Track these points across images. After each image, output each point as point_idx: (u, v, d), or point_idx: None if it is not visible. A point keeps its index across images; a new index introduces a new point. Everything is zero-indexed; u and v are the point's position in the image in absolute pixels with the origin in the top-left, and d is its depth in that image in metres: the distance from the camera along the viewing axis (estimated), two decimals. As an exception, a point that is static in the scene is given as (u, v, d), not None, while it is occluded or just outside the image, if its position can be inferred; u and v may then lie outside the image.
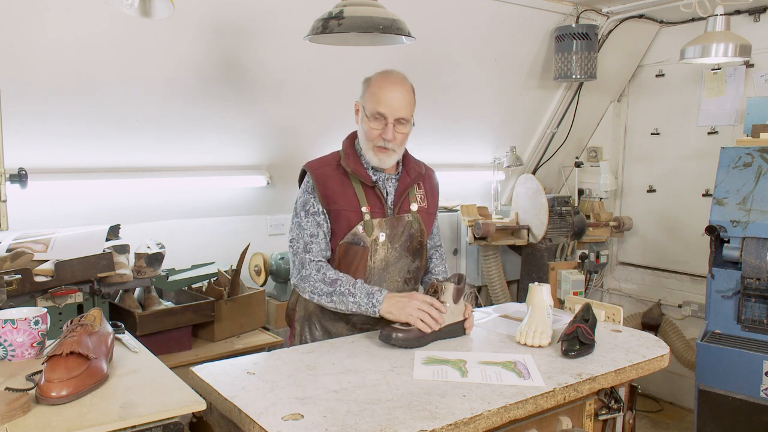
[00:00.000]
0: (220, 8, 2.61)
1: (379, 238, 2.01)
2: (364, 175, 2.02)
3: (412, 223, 2.08)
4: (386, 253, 2.03)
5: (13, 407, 1.24)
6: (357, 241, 2.00)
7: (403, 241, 2.06)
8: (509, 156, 3.95)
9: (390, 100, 1.95)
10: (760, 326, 2.79)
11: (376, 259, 2.02)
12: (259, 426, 1.31)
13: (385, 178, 2.07)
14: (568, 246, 3.87)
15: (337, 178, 2.02)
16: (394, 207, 2.06)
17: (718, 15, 2.92)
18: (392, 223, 2.04)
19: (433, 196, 2.20)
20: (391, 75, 2.00)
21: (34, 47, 2.34)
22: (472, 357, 1.75)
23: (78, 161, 2.69)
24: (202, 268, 2.95)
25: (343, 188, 2.01)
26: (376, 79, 1.99)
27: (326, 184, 2.01)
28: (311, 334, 2.09)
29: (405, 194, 2.08)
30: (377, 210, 2.02)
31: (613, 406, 1.78)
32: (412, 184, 2.11)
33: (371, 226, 2.00)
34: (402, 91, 1.98)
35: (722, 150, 3.01)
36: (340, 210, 2.00)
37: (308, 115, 3.18)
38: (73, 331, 1.44)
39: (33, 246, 2.30)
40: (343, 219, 2.00)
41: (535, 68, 3.81)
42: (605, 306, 2.19)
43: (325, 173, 2.03)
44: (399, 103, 1.96)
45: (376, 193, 2.03)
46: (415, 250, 2.10)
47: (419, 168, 2.15)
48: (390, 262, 2.05)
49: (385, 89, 1.96)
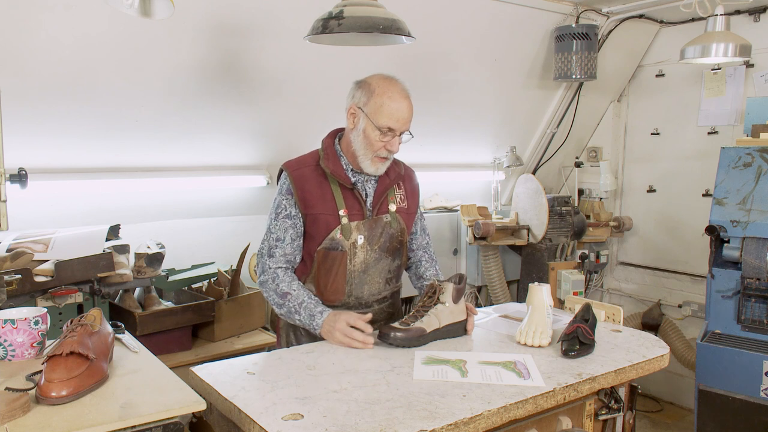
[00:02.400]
0: (220, 8, 2.61)
1: (358, 241, 2.00)
2: (343, 176, 2.00)
3: (390, 223, 2.06)
4: (365, 255, 2.02)
5: (13, 407, 1.24)
6: (335, 245, 1.99)
7: (382, 243, 2.05)
8: (509, 156, 3.95)
9: (400, 115, 1.93)
10: (760, 326, 2.79)
11: (355, 262, 2.01)
12: (259, 426, 1.31)
13: (365, 179, 2.06)
14: (568, 246, 3.87)
15: (315, 179, 2.01)
16: (373, 209, 2.04)
17: (718, 15, 2.92)
18: (370, 225, 2.02)
19: (413, 196, 2.18)
20: (396, 85, 1.96)
21: (34, 47, 2.34)
22: (472, 357, 1.75)
23: (78, 161, 2.69)
24: (202, 268, 2.95)
25: (321, 190, 2.00)
26: (382, 89, 1.94)
27: (304, 186, 2.00)
28: (297, 339, 2.09)
29: (384, 195, 2.07)
30: (356, 212, 2.01)
31: (613, 406, 1.78)
32: (392, 184, 2.09)
33: (349, 229, 1.99)
34: (409, 104, 1.96)
35: (722, 150, 3.01)
36: (317, 214, 1.99)
37: (308, 115, 3.17)
38: (73, 331, 1.44)
39: (33, 246, 2.30)
40: (321, 223, 1.99)
41: (535, 68, 3.81)
42: (605, 306, 2.19)
43: (303, 174, 2.01)
44: (409, 117, 1.96)
45: (354, 195, 2.02)
46: (395, 250, 2.09)
47: (398, 168, 2.13)
48: (369, 264, 2.04)
49: (396, 102, 1.93)
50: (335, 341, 1.84)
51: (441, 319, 1.89)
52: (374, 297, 2.08)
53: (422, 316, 1.88)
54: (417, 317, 1.88)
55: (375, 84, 1.96)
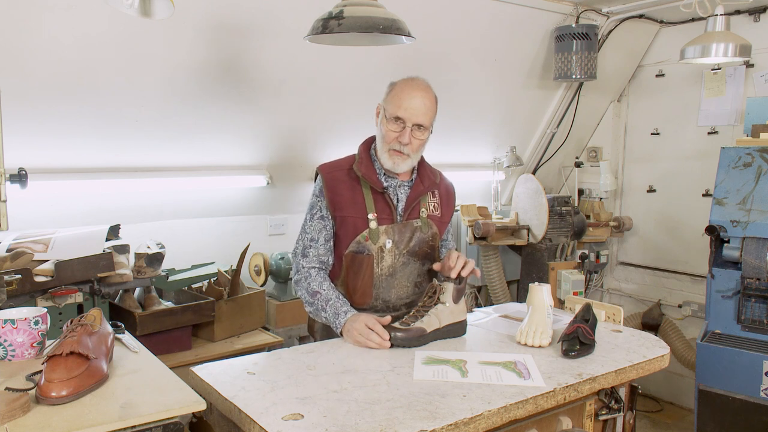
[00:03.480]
0: (220, 8, 2.61)
1: (386, 245, 2.00)
2: (374, 180, 2.01)
3: (421, 227, 2.06)
4: (393, 259, 2.02)
5: (13, 407, 1.24)
6: (361, 249, 2.00)
7: (411, 247, 2.04)
8: (509, 156, 3.95)
9: (411, 105, 1.95)
10: (760, 326, 2.79)
11: (382, 266, 2.01)
12: (259, 426, 1.31)
13: (398, 184, 2.06)
14: (568, 246, 3.87)
15: (348, 183, 2.03)
16: (404, 214, 2.04)
17: (718, 15, 2.92)
18: (399, 229, 2.02)
19: (448, 206, 2.18)
20: (415, 81, 2.00)
21: (35, 47, 2.34)
22: (472, 357, 1.75)
23: (78, 161, 2.69)
24: (202, 268, 2.95)
25: (353, 193, 2.01)
26: (401, 84, 1.99)
27: (335, 188, 2.02)
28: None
29: (416, 202, 2.07)
30: (385, 216, 2.02)
31: (614, 406, 1.78)
32: (425, 192, 2.09)
33: (377, 233, 1.99)
34: (424, 97, 1.97)
35: (722, 150, 3.01)
36: (346, 217, 2.00)
37: (308, 115, 3.17)
38: (73, 331, 1.44)
39: (33, 246, 2.30)
40: (350, 225, 2.00)
41: (535, 68, 3.81)
42: (605, 306, 2.19)
43: (335, 177, 2.04)
44: (420, 109, 1.96)
45: (385, 199, 2.02)
46: (425, 255, 2.08)
47: (434, 176, 2.13)
48: (397, 268, 2.03)
49: (408, 94, 1.96)
50: (352, 340, 1.85)
51: (441, 319, 1.89)
52: (402, 301, 2.07)
53: (422, 316, 1.89)
54: (417, 317, 1.89)
55: (398, 82, 2.02)
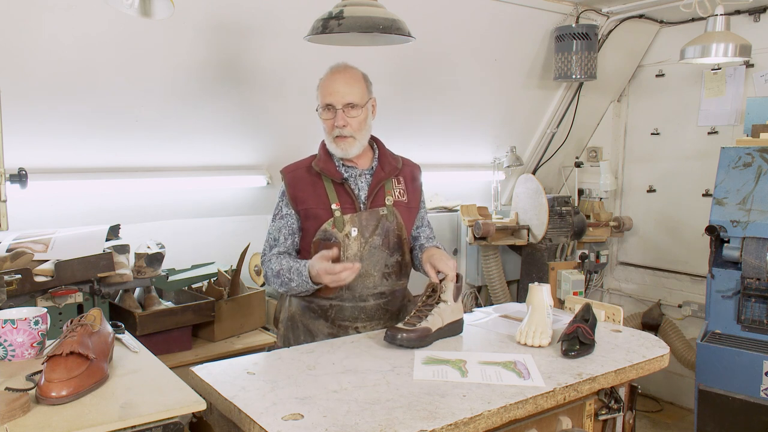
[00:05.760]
0: (220, 8, 2.61)
1: (351, 233, 2.03)
2: (333, 172, 2.06)
3: (387, 216, 2.07)
4: (359, 247, 2.04)
5: (13, 407, 1.24)
6: (328, 236, 2.03)
7: (377, 235, 2.06)
8: (509, 156, 3.95)
9: (334, 89, 2.00)
10: (760, 326, 2.79)
11: (349, 254, 2.03)
12: (259, 426, 1.31)
13: (358, 174, 2.09)
14: (568, 246, 3.87)
15: (309, 179, 2.08)
16: (367, 201, 2.07)
17: (718, 15, 2.92)
18: (365, 217, 2.05)
19: (414, 191, 2.19)
20: (334, 66, 2.07)
21: (35, 47, 2.34)
22: (472, 357, 1.75)
23: (78, 161, 2.69)
24: (202, 268, 2.95)
25: (314, 188, 2.06)
26: (324, 75, 2.05)
27: (297, 186, 2.08)
28: (294, 334, 2.12)
29: (379, 188, 2.09)
30: (348, 206, 2.05)
31: (613, 406, 1.78)
32: (387, 178, 2.11)
33: (342, 221, 2.02)
34: (345, 76, 2.02)
35: (722, 150, 3.01)
36: (309, 209, 2.06)
37: (308, 115, 3.14)
38: (73, 331, 1.44)
39: (33, 246, 2.30)
40: (312, 217, 2.05)
41: (535, 68, 3.81)
42: (605, 306, 2.19)
43: (297, 176, 2.10)
44: (344, 89, 2.00)
45: (346, 189, 2.06)
46: (393, 245, 2.10)
47: (395, 162, 2.15)
48: (364, 256, 2.04)
49: (329, 79, 2.03)
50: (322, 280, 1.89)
51: (444, 318, 1.90)
52: (369, 291, 2.08)
53: (426, 315, 1.89)
54: (421, 317, 1.88)
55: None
